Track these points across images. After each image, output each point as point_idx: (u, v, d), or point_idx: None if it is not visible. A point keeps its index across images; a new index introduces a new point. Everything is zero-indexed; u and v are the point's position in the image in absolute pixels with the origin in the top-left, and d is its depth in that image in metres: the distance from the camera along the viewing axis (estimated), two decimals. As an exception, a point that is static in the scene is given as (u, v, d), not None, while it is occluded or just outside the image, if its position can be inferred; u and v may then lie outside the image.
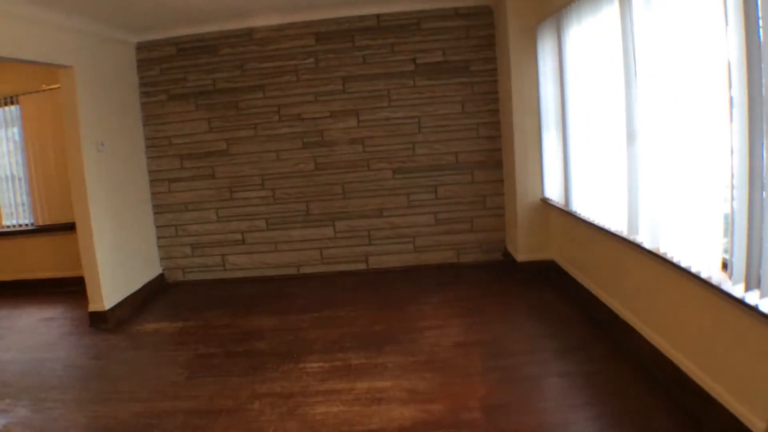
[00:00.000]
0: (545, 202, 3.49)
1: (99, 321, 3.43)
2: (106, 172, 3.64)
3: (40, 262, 4.66)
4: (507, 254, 3.85)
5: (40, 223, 4.66)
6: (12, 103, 4.58)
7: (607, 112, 2.44)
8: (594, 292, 2.83)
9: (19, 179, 4.70)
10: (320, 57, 3.96)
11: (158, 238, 4.36)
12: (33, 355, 3.02)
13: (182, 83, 4.15)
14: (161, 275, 4.32)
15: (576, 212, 2.93)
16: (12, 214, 4.77)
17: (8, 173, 4.71)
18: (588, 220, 2.74)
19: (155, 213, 4.32)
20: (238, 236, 4.22)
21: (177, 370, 2.66)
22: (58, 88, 3.65)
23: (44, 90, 4.32)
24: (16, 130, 4.65)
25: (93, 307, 3.47)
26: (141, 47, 4.17)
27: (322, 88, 3.98)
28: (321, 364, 2.58)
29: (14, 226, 4.78)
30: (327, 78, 3.97)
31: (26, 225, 4.74)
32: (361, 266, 4.06)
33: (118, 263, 3.68)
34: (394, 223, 3.99)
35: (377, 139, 3.94)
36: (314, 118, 4.01)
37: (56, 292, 4.48)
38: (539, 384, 2.23)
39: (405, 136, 3.91)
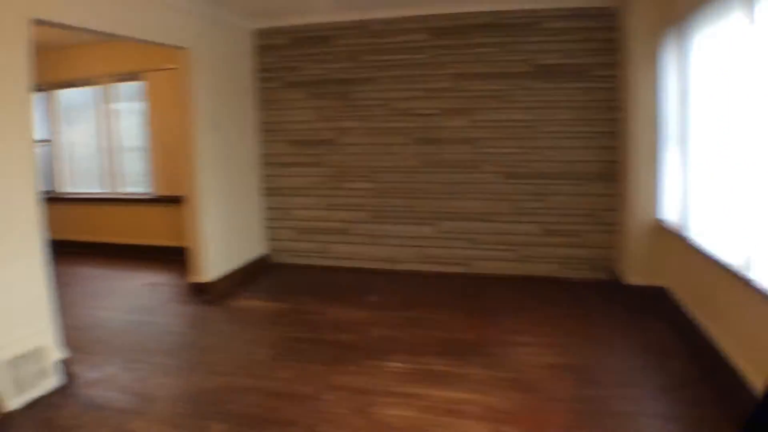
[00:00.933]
0: (660, 223, 4.33)
1: (200, 292, 5.03)
2: (218, 151, 5.16)
3: (154, 230, 6.57)
4: (614, 274, 4.85)
5: (157, 194, 6.51)
6: (138, 78, 6.36)
7: (738, 131, 2.66)
8: (706, 328, 3.15)
9: (145, 150, 6.57)
10: (433, 53, 5.12)
11: (266, 219, 5.98)
12: (132, 317, 4.41)
13: (296, 71, 5.58)
14: (265, 256, 5.97)
15: (692, 238, 3.53)
16: (136, 182, 6.67)
17: (137, 144, 6.57)
18: (703, 248, 3.23)
19: (266, 195, 5.93)
20: (341, 226, 5.68)
21: (263, 350, 3.66)
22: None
23: (167, 68, 5.97)
24: (141, 104, 6.45)
25: (195, 278, 5.07)
26: (260, 33, 5.64)
27: (434, 85, 5.16)
28: (402, 365, 3.31)
29: (135, 194, 6.70)
30: (439, 74, 5.13)
31: (145, 194, 6.63)
32: (461, 269, 5.32)
33: (223, 239, 5.26)
34: (499, 229, 5.15)
35: (488, 140, 5.06)
36: (425, 115, 5.23)
37: (166, 259, 6.38)
38: (629, 422, 2.55)
39: (517, 140, 4.99)
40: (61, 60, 6.89)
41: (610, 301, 4.42)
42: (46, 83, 7.03)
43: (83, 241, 7.08)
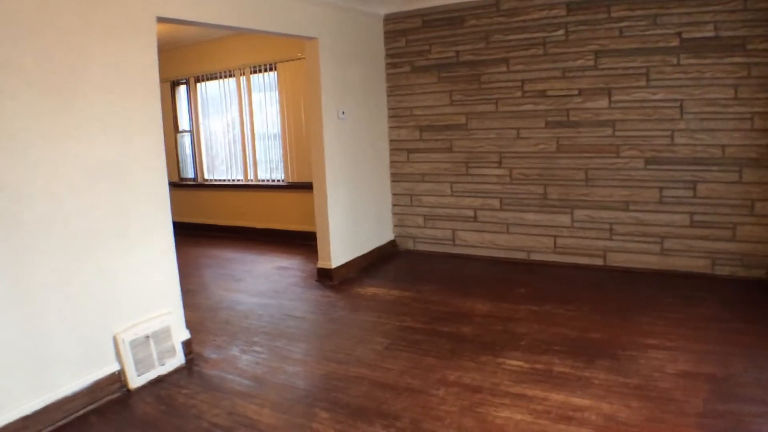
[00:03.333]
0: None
1: (325, 277, 5.62)
2: (346, 139, 5.71)
3: (287, 215, 7.34)
4: (777, 270, 4.72)
5: (290, 180, 7.22)
6: (272, 69, 7.10)
7: None
8: None
9: (279, 139, 7.32)
10: (571, 29, 5.26)
11: (393, 205, 6.48)
12: (259, 300, 5.05)
13: (426, 55, 5.98)
14: (392, 242, 6.50)
15: None
16: (272, 169, 7.46)
17: (271, 132, 7.34)
18: None
19: (392, 181, 6.42)
20: (470, 213, 6.01)
21: (378, 338, 3.96)
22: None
23: (298, 59, 6.63)
24: (275, 93, 7.19)
25: (321, 263, 5.67)
26: (388, 19, 6.10)
27: (571, 63, 5.31)
28: (521, 363, 3.40)
29: (269, 180, 7.48)
30: (577, 52, 5.28)
31: (278, 180, 7.38)
32: (597, 261, 5.44)
33: (350, 226, 5.83)
34: (641, 219, 5.21)
35: (630, 122, 5.13)
36: (560, 96, 5.40)
37: (297, 243, 7.20)
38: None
39: (663, 122, 5.01)
40: (201, 54, 7.94)
41: (764, 304, 4.29)
42: (189, 76, 8.03)
43: (224, 225, 8.18)
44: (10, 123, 2.84)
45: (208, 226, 8.42)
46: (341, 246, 5.69)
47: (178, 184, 8.71)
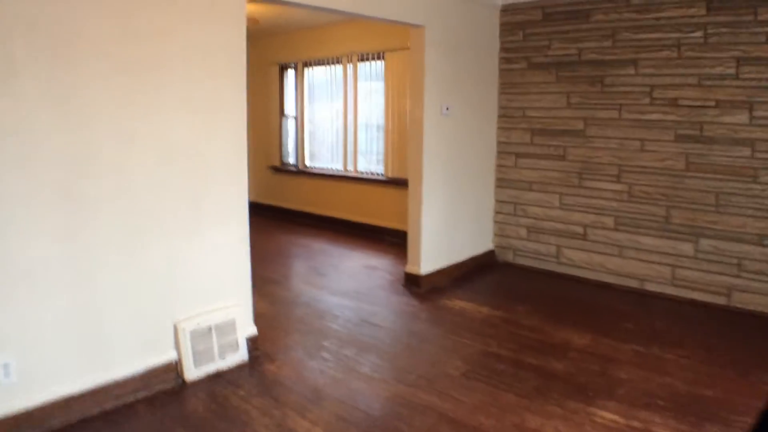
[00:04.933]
0: None
1: (412, 283, 5.56)
2: (448, 136, 5.60)
3: (383, 211, 7.39)
4: None
5: (389, 175, 7.20)
6: (380, 58, 7.09)
7: None
8: None
9: (381, 131, 7.34)
10: (710, 30, 4.86)
11: (495, 213, 6.32)
12: (339, 300, 5.09)
13: (544, 51, 5.74)
14: (491, 252, 6.35)
15: None
16: (373, 161, 7.59)
17: (374, 123, 7.39)
18: None
19: (497, 186, 6.27)
20: (579, 229, 5.73)
21: (457, 362, 3.81)
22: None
23: (407, 48, 6.54)
24: (381, 83, 7.18)
25: (410, 268, 5.61)
26: (506, 10, 5.93)
27: (709, 70, 4.90)
28: (616, 417, 3.13)
29: (368, 173, 7.51)
30: (716, 58, 4.86)
31: (378, 174, 7.39)
32: (720, 300, 5.01)
33: (445, 231, 5.72)
34: (778, 256, 4.73)
35: (774, 143, 4.66)
36: (694, 107, 5.00)
37: (390, 242, 7.22)
38: None
39: (816, 146, 4.50)
40: (311, 39, 8.14)
41: None
42: (297, 61, 8.24)
43: (320, 214, 8.39)
44: (83, 92, 2.96)
45: (304, 213, 8.70)
46: (433, 251, 5.62)
47: (278, 169, 9.01)
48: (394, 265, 6.32)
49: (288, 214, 8.88)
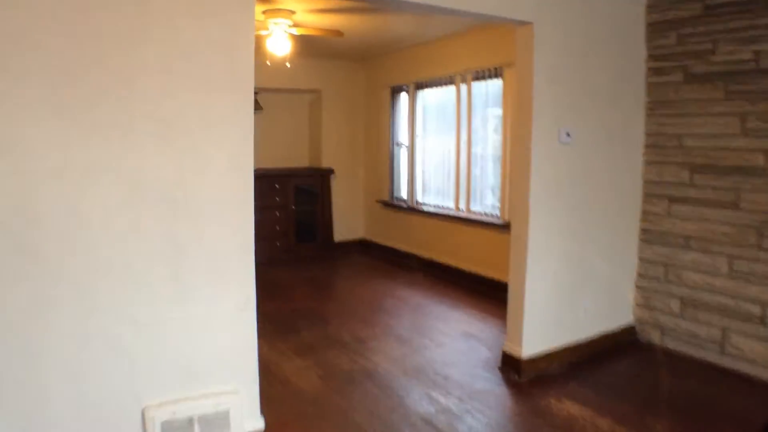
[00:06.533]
0: None
1: (510, 368, 4.11)
2: (569, 171, 4.14)
3: (496, 261, 5.91)
4: None
5: (505, 218, 5.77)
6: (496, 75, 5.75)
7: None
8: None
9: (498, 164, 6.01)
10: None
11: (638, 275, 4.73)
12: (407, 383, 3.93)
13: (707, 57, 4.15)
14: (629, 329, 4.73)
15: None
16: (489, 200, 6.27)
17: (491, 154, 6.14)
18: None
19: (641, 240, 4.69)
20: (756, 309, 4.00)
21: None
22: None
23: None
24: (498, 105, 5.82)
25: (508, 347, 4.16)
26: (653, 5, 4.40)
27: None
28: None
29: (482, 213, 6.15)
30: None
31: (493, 215, 5.99)
32: None
33: (561, 296, 4.22)
34: None
35: None
36: None
37: (503, 299, 5.61)
38: None
39: None
40: (421, 57, 7.00)
41: None
42: (409, 82, 7.25)
43: (427, 258, 7.20)
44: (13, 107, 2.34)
45: (412, 256, 7.52)
46: (542, 325, 4.15)
47: (388, 204, 7.86)
48: (499, 333, 4.87)
49: (395, 256, 7.78)
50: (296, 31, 5.28)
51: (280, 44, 5.24)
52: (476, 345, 4.70)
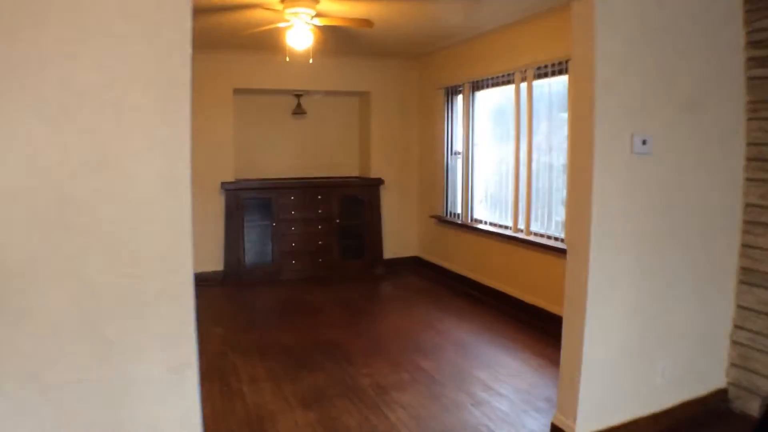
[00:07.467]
0: None
1: None
2: (645, 190, 3.21)
3: (557, 292, 4.86)
4: None
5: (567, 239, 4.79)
6: (561, 72, 4.91)
7: None
8: None
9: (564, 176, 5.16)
10: None
11: (735, 327, 3.68)
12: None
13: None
14: (721, 392, 3.68)
15: None
16: (553, 218, 5.32)
17: (557, 164, 5.21)
18: None
19: (740, 283, 3.62)
20: None
21: None
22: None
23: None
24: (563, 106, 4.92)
25: (559, 419, 3.24)
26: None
27: None
28: None
29: (544, 235, 5.26)
30: None
31: (556, 239, 5.10)
32: None
33: (629, 357, 3.27)
34: None
35: None
36: None
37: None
38: None
39: None
40: (478, 53, 6.15)
41: None
42: (464, 82, 6.40)
43: (482, 283, 6.32)
44: None
45: (465, 279, 6.63)
46: (605, 391, 3.20)
47: (442, 220, 7.00)
48: (555, 385, 3.89)
49: (447, 277, 6.92)
50: (319, 22, 4.51)
51: (301, 37, 4.49)
52: (525, 407, 3.75)
